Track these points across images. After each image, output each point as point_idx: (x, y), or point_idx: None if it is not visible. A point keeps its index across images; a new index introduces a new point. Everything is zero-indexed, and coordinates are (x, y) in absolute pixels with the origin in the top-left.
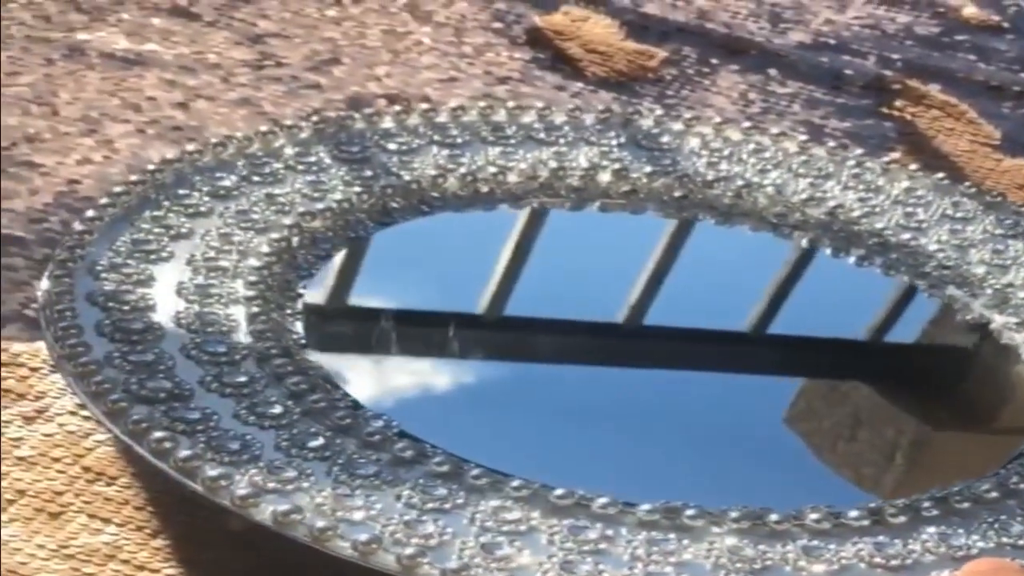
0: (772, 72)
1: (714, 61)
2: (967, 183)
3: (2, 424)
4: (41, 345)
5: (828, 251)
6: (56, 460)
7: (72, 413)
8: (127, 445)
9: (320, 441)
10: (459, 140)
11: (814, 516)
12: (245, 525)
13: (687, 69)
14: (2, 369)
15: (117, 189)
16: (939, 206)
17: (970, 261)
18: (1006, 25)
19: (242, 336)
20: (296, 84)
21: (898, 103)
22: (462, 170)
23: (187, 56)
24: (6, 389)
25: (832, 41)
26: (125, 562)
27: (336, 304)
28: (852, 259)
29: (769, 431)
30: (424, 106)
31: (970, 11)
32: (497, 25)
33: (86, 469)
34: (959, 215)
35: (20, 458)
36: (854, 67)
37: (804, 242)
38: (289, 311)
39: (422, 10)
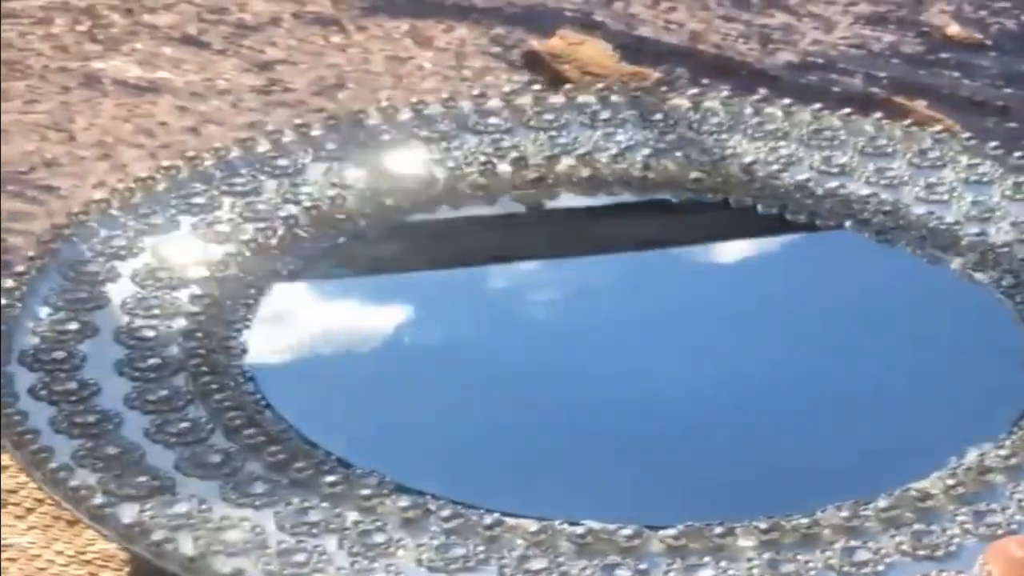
0: (762, 91)
1: (705, 81)
2: None
3: None
4: None
5: None
6: None
7: None
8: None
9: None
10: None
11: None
12: None
13: (680, 89)
14: None
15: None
16: None
17: None
18: (989, 43)
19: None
20: (303, 108)
21: (885, 119)
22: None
23: (198, 83)
24: None
25: (820, 61)
26: None
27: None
28: None
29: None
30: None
31: (954, 30)
32: (496, 50)
33: None
34: None
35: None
36: (842, 85)
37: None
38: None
39: (424, 36)
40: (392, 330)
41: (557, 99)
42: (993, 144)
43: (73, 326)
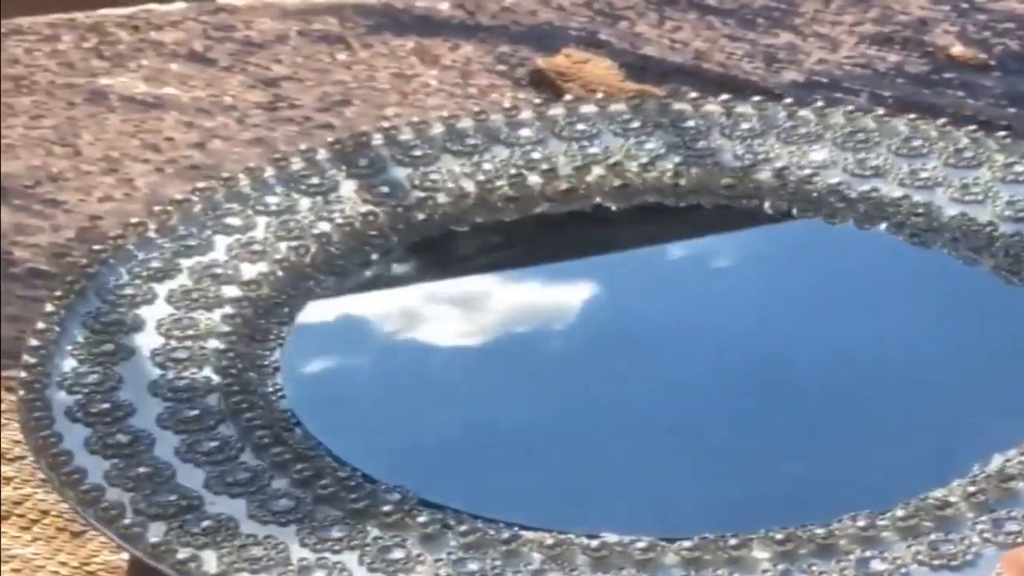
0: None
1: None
2: None
3: (28, 447)
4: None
5: None
6: None
7: None
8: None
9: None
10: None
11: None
12: None
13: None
14: None
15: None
16: None
17: None
18: (992, 63)
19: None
20: (309, 124)
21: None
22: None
23: (203, 99)
24: None
25: (824, 80)
26: None
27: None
28: None
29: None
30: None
31: (958, 50)
32: (501, 67)
33: None
34: None
35: (44, 480)
36: (846, 104)
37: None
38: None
39: (429, 54)
40: (424, 346)
41: (588, 109)
42: None
43: (109, 347)
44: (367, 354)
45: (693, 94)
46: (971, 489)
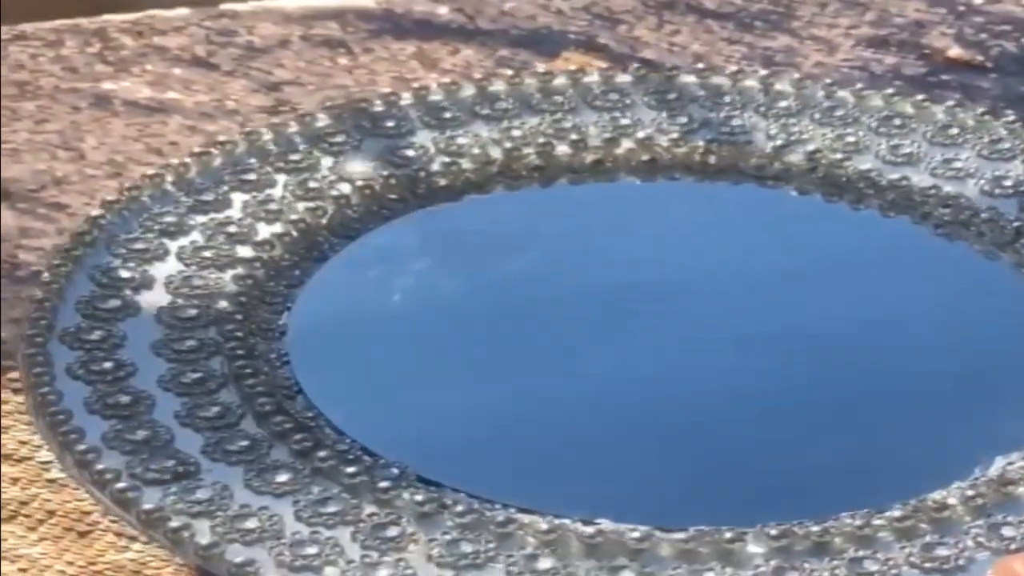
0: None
1: None
2: None
3: (34, 448)
4: None
5: None
6: None
7: None
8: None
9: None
10: None
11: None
12: None
13: None
14: None
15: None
16: None
17: None
18: (989, 65)
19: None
20: None
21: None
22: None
23: (207, 103)
24: None
25: None
26: None
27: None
28: None
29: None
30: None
31: (955, 52)
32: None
33: None
34: None
35: (50, 480)
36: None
37: None
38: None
39: (430, 58)
40: (434, 317)
41: (624, 79)
42: None
43: (114, 303)
44: (375, 323)
45: (732, 68)
46: (970, 492)
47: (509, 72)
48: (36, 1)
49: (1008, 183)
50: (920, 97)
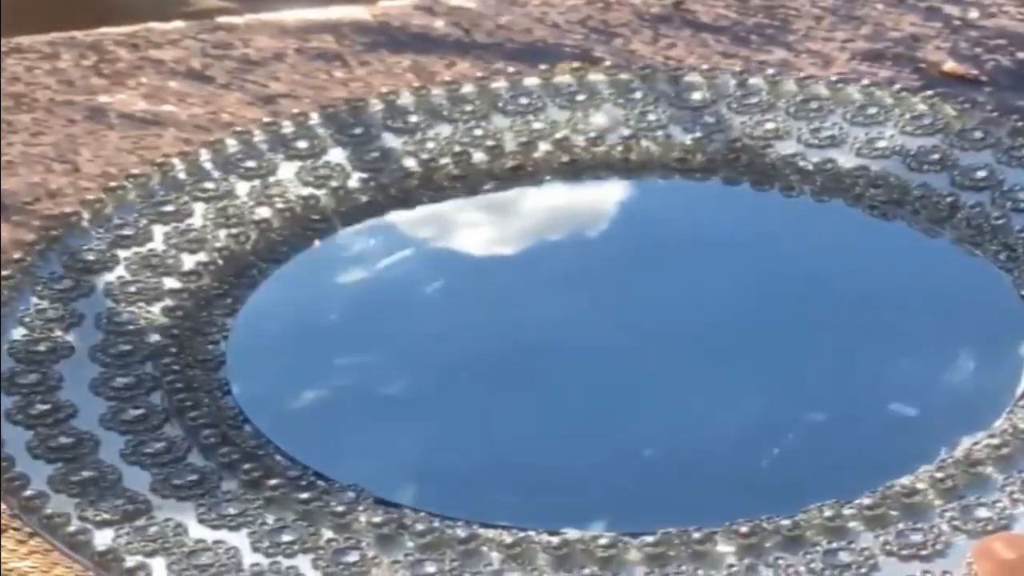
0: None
1: None
2: None
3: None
4: None
5: None
6: None
7: None
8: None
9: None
10: None
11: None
12: None
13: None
14: None
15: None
16: None
17: None
18: (984, 79)
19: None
20: None
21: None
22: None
23: (201, 116)
24: None
25: None
26: None
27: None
28: None
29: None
30: None
31: (950, 65)
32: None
33: None
34: None
35: None
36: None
37: None
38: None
39: (425, 71)
40: (372, 336)
41: (532, 81)
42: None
43: (45, 347)
44: (314, 347)
45: (641, 65)
46: (938, 475)
47: (415, 84)
48: (33, 13)
49: (935, 157)
50: (834, 78)
